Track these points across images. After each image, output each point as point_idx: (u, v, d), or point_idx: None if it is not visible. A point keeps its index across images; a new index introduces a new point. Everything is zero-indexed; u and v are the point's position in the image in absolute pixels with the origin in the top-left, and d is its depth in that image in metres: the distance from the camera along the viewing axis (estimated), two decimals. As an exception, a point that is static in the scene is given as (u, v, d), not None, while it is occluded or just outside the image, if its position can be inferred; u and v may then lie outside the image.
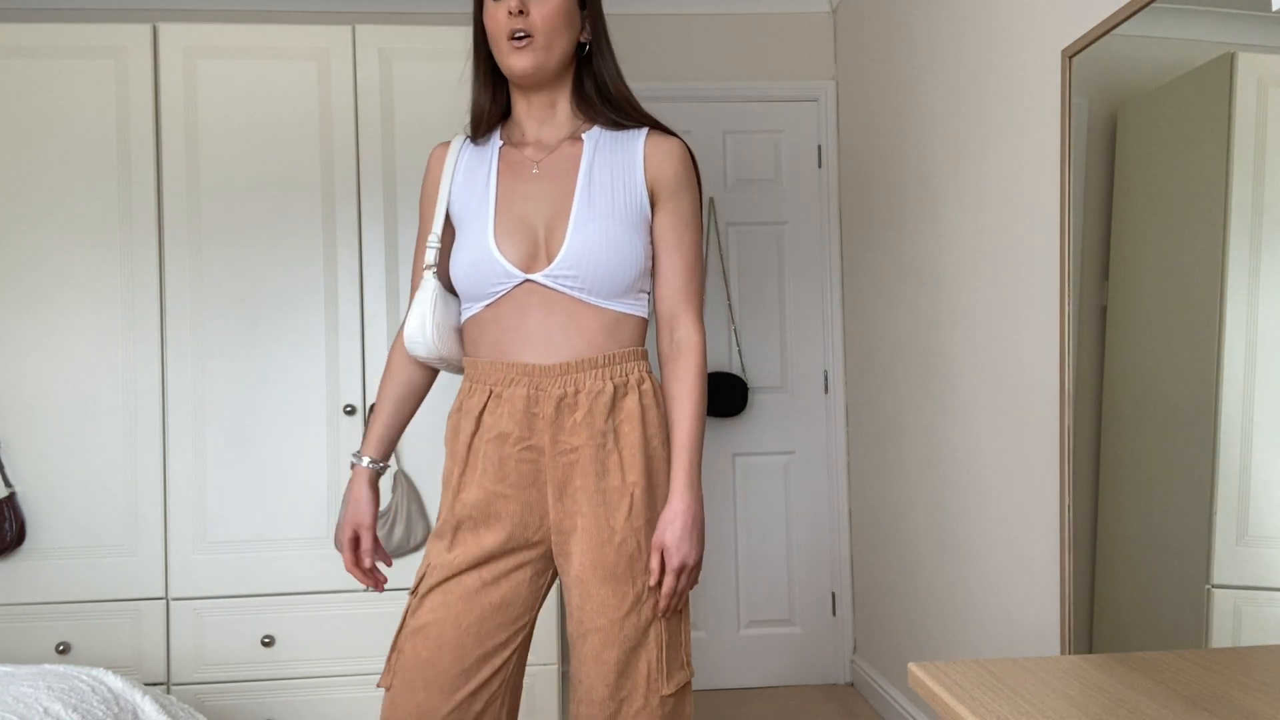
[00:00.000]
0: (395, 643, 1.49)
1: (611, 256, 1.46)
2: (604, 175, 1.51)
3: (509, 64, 1.49)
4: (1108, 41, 1.75)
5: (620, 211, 1.49)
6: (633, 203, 1.50)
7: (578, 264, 1.46)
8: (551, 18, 1.47)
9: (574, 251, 1.46)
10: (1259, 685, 0.86)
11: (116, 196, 2.53)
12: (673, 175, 1.52)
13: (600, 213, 1.48)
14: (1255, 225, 1.38)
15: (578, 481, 1.47)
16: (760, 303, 3.44)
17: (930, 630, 2.74)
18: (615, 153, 1.53)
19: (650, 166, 1.52)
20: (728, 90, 3.42)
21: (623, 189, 1.50)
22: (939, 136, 2.57)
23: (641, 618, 1.46)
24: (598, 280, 1.46)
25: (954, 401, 2.51)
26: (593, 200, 1.48)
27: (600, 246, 1.46)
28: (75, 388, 2.51)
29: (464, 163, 1.59)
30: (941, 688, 0.86)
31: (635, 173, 1.51)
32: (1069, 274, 1.89)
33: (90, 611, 2.51)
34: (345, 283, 2.58)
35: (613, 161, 1.52)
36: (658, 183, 1.52)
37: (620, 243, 1.47)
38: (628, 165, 1.51)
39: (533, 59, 1.47)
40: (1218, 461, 1.46)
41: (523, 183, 1.53)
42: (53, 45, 2.51)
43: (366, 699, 2.57)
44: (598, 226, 1.46)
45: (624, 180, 1.51)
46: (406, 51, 2.61)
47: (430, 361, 1.60)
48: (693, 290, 1.55)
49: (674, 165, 1.53)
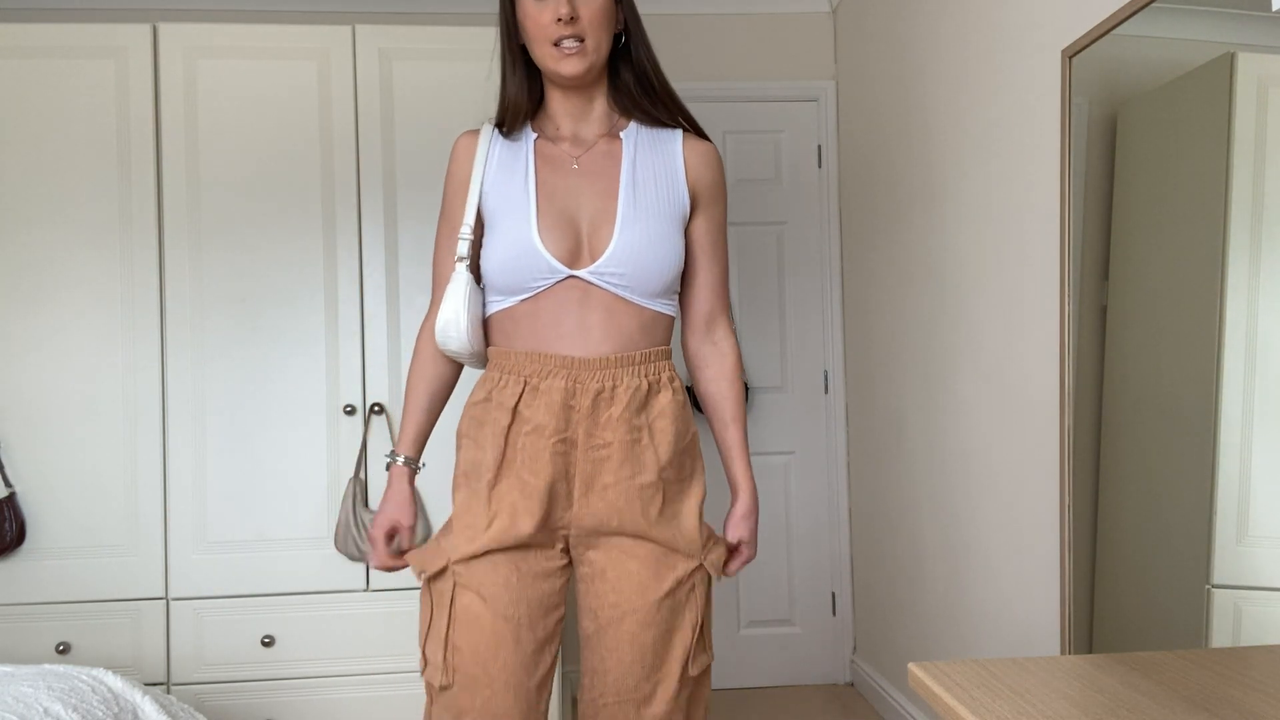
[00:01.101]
0: (446, 639, 1.46)
1: (656, 255, 1.47)
2: (646, 174, 1.52)
3: (558, 69, 1.47)
4: (1108, 41, 1.75)
5: (665, 210, 1.50)
6: (676, 202, 1.52)
7: (624, 261, 1.46)
8: (597, 17, 1.46)
9: (621, 249, 1.46)
10: (1259, 685, 0.86)
11: (116, 196, 2.53)
12: (712, 182, 1.56)
13: (645, 212, 1.49)
14: (1255, 225, 1.38)
15: (608, 477, 1.47)
16: (760, 303, 3.44)
17: (930, 630, 2.74)
18: (656, 152, 1.54)
19: (691, 170, 1.54)
20: (728, 90, 3.42)
21: (666, 189, 1.52)
22: (939, 136, 2.57)
23: (677, 601, 1.49)
24: (641, 279, 1.47)
25: (954, 401, 2.51)
26: (637, 199, 1.49)
27: (645, 245, 1.47)
28: (75, 388, 2.51)
29: (497, 154, 1.55)
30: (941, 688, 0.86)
31: (677, 174, 1.53)
32: (1069, 274, 1.89)
33: (90, 611, 2.51)
34: (345, 283, 2.58)
35: (654, 161, 1.53)
36: (699, 187, 1.55)
37: (664, 242, 1.48)
38: (669, 166, 1.53)
39: (584, 64, 1.47)
40: (1218, 461, 1.46)
41: (563, 178, 1.51)
42: (53, 45, 2.51)
43: (366, 699, 2.57)
44: (644, 225, 1.47)
45: (667, 180, 1.52)
46: (406, 51, 2.61)
47: (459, 356, 1.56)
48: (727, 296, 1.62)
49: (713, 172, 1.56)
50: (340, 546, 2.52)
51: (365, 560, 2.55)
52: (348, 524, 2.52)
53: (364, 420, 2.57)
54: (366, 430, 2.57)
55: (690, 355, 1.63)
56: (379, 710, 2.56)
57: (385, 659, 2.56)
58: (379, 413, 2.57)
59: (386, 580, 2.57)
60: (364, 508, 2.53)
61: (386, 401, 2.58)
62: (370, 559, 1.58)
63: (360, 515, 2.52)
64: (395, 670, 2.56)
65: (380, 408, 2.57)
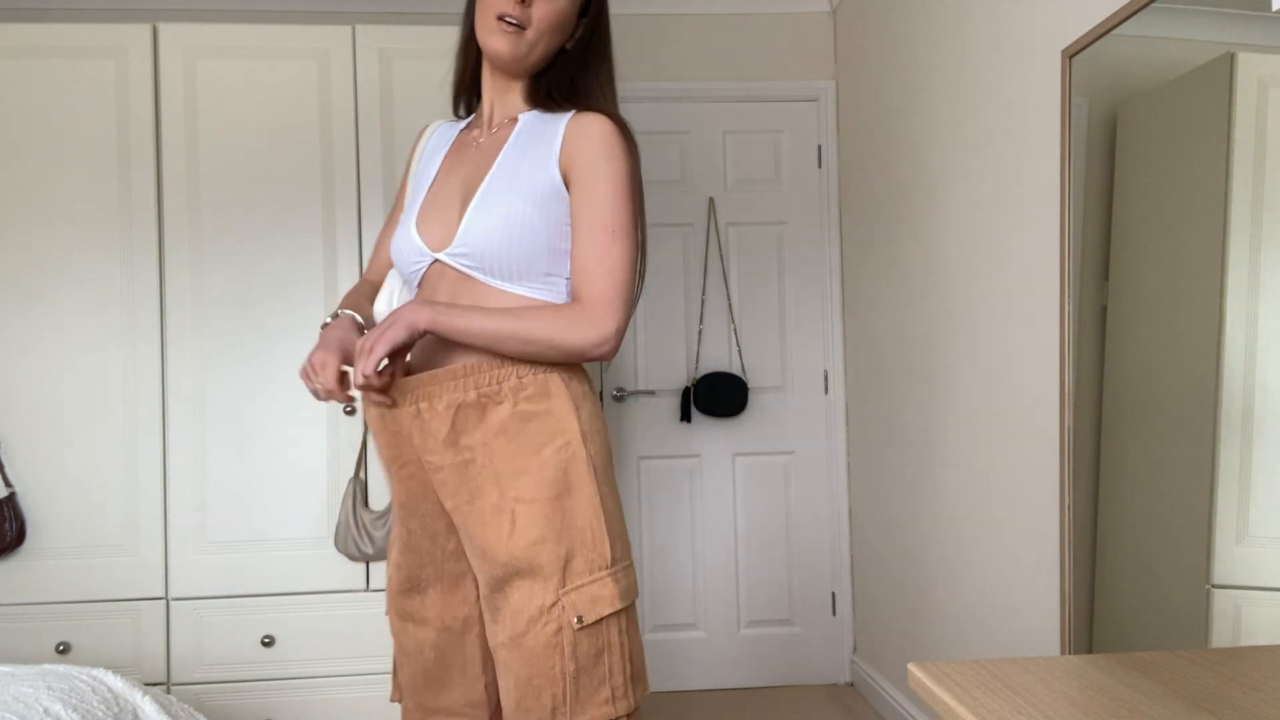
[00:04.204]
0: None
1: (509, 233, 1.36)
2: (522, 154, 1.42)
3: (489, 42, 1.43)
4: (1108, 41, 1.75)
5: (524, 187, 1.39)
6: (540, 179, 1.39)
7: (472, 241, 1.38)
8: (549, 19, 1.43)
9: (469, 228, 1.39)
10: (1259, 685, 0.86)
11: (116, 196, 2.53)
12: (586, 152, 1.38)
13: (508, 191, 1.39)
14: (1255, 225, 1.38)
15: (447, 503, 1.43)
16: (760, 303, 3.44)
17: (930, 630, 2.74)
18: (539, 132, 1.44)
19: (566, 143, 1.40)
20: (728, 90, 3.42)
21: (531, 165, 1.40)
22: (939, 136, 2.57)
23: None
24: (494, 259, 1.37)
25: (954, 401, 2.51)
26: (507, 180, 1.40)
27: (496, 222, 1.37)
28: (75, 388, 2.51)
29: (431, 143, 1.59)
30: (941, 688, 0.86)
31: (551, 148, 1.41)
32: (1069, 274, 1.89)
33: (90, 611, 2.51)
34: (345, 282, 2.57)
35: (534, 139, 1.43)
36: (571, 162, 1.40)
37: (520, 218, 1.37)
38: (546, 141, 1.42)
39: (513, 48, 1.42)
40: (1218, 461, 1.46)
41: (462, 162, 1.49)
42: (53, 45, 2.51)
43: (366, 699, 2.57)
44: (503, 204, 1.38)
45: (538, 156, 1.41)
46: (406, 51, 2.61)
47: None
48: (602, 272, 1.37)
49: (589, 143, 1.39)
50: (340, 546, 2.52)
51: (365, 560, 2.55)
52: (348, 524, 2.52)
53: (364, 420, 2.57)
54: (366, 430, 2.57)
55: None
56: (379, 710, 2.56)
57: (385, 659, 2.56)
58: (379, 413, 2.57)
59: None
60: (364, 508, 2.53)
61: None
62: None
63: (360, 515, 2.52)
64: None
65: (380, 408, 2.57)
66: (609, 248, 1.37)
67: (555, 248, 1.39)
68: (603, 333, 1.35)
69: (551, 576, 1.33)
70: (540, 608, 1.32)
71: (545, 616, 1.32)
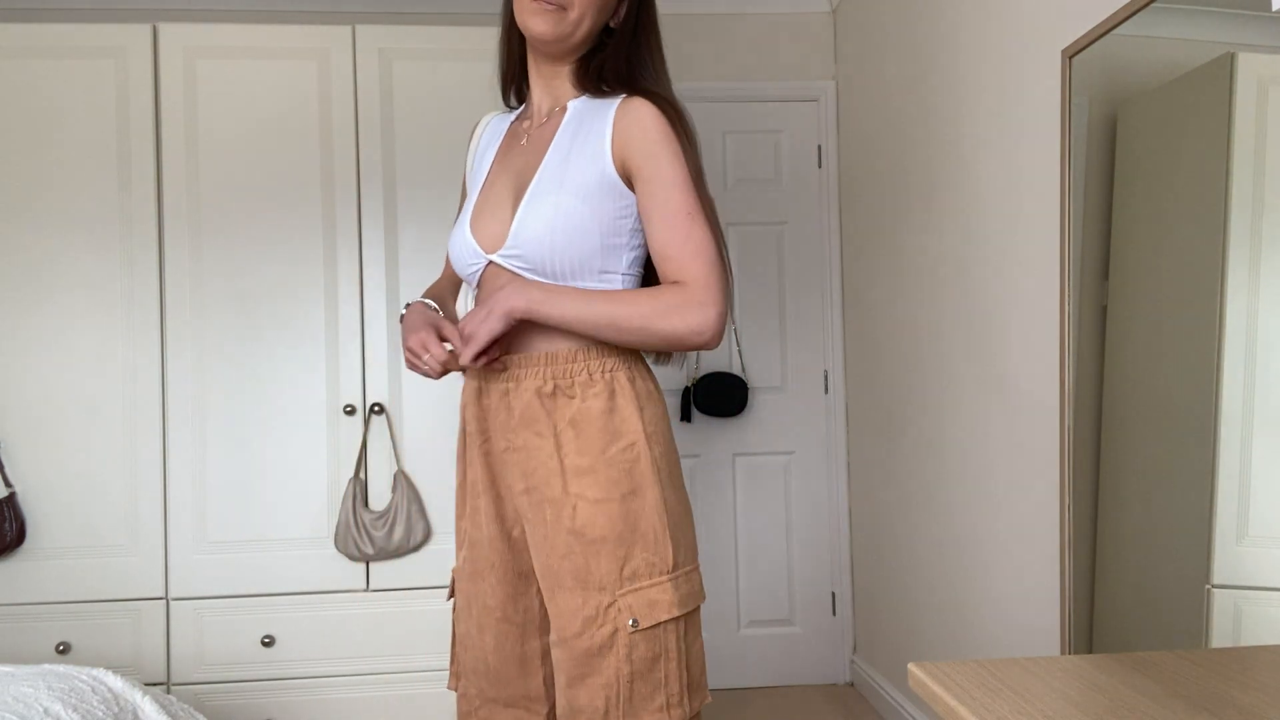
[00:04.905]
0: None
1: (558, 232, 1.32)
2: (574, 145, 1.37)
3: (529, 24, 1.36)
4: (1108, 41, 1.75)
5: (573, 183, 1.33)
6: (591, 173, 1.33)
7: (524, 242, 1.34)
8: None
9: (520, 228, 1.35)
10: (1259, 685, 0.86)
11: (116, 197, 2.53)
12: (638, 140, 1.32)
13: (560, 186, 1.34)
14: (1255, 225, 1.38)
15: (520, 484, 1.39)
16: (760, 303, 3.44)
17: (930, 630, 2.74)
18: (588, 122, 1.38)
19: (617, 134, 1.33)
20: (728, 90, 3.42)
21: (581, 158, 1.35)
22: (939, 136, 2.57)
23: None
24: (544, 259, 1.33)
25: (954, 401, 2.51)
26: (560, 174, 1.35)
27: (544, 222, 1.32)
28: (75, 388, 2.51)
29: (485, 137, 1.54)
30: (941, 688, 0.86)
31: (602, 141, 1.34)
32: (1069, 274, 1.89)
33: (90, 611, 2.51)
34: (345, 282, 2.57)
35: (584, 130, 1.37)
36: (626, 152, 1.33)
37: (569, 216, 1.32)
38: (596, 133, 1.35)
39: (555, 28, 1.36)
40: (1218, 461, 1.46)
41: (513, 157, 1.44)
42: (53, 45, 2.51)
43: (367, 699, 2.57)
44: (553, 201, 1.33)
45: (588, 149, 1.35)
46: (406, 51, 2.61)
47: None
48: (690, 255, 1.30)
49: (638, 130, 1.32)
50: (340, 546, 2.52)
51: (365, 560, 2.56)
52: (348, 524, 2.52)
53: (364, 420, 2.57)
54: (366, 430, 2.57)
55: None
56: (379, 710, 2.56)
57: (385, 659, 2.56)
58: (379, 413, 2.57)
59: (386, 580, 2.57)
60: (364, 508, 2.53)
61: (386, 401, 2.58)
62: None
63: (360, 515, 2.52)
64: (395, 670, 2.56)
65: (380, 408, 2.57)
66: (690, 230, 1.31)
67: (610, 244, 1.35)
68: (704, 318, 1.29)
69: (609, 577, 1.30)
70: (596, 608, 1.30)
71: (601, 618, 1.30)
